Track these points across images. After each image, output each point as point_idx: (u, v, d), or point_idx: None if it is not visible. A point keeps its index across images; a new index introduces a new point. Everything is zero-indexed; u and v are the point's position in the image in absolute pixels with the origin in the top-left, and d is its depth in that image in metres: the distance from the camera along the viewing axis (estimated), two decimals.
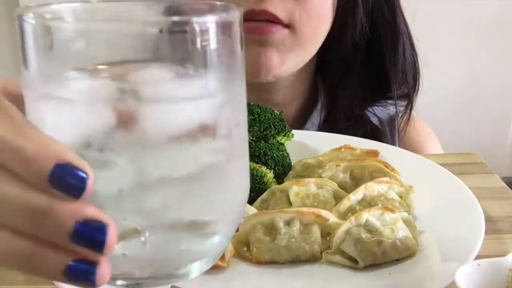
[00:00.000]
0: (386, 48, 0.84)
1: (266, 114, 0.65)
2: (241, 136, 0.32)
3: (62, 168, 0.26)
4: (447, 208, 0.56)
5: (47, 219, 0.26)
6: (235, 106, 0.32)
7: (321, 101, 0.88)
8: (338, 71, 0.86)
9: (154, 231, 0.29)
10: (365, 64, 0.85)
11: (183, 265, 0.32)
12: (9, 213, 0.27)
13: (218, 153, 0.30)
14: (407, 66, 0.85)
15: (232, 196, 0.32)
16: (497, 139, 2.15)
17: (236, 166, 0.32)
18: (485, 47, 2.01)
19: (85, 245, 0.26)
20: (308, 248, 0.50)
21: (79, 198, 0.26)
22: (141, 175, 0.28)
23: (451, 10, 1.92)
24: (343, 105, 0.85)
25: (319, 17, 0.76)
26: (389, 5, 0.83)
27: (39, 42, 0.28)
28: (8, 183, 0.26)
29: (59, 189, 0.26)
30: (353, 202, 0.56)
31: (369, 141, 0.72)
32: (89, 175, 0.26)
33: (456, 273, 0.39)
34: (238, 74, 0.31)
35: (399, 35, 0.83)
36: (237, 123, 0.31)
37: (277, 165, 0.64)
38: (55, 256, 0.27)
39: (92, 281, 0.27)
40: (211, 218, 0.31)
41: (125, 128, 0.28)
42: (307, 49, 0.79)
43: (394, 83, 0.84)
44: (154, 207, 0.29)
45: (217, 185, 0.31)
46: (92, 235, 0.26)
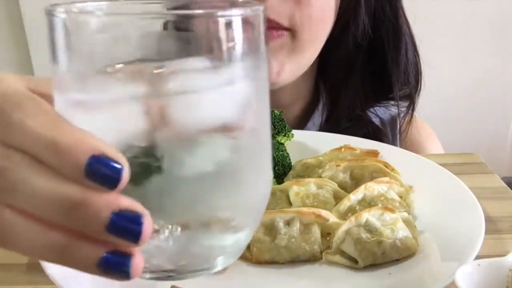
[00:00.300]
0: (388, 48, 0.83)
1: None
2: (266, 130, 0.32)
3: (97, 160, 0.26)
4: (447, 208, 0.56)
5: (82, 211, 0.26)
6: (260, 100, 0.32)
7: (322, 101, 0.88)
8: (340, 71, 0.86)
9: (182, 227, 0.29)
10: (367, 64, 0.85)
11: (209, 259, 0.32)
12: (43, 205, 0.27)
13: (245, 148, 0.31)
14: (409, 67, 0.85)
15: (257, 191, 0.32)
16: (497, 139, 2.15)
17: (262, 160, 0.32)
18: (485, 48, 2.01)
19: (121, 236, 0.26)
20: (308, 248, 0.50)
21: (114, 189, 0.26)
22: (172, 171, 0.28)
23: (451, 11, 1.92)
24: (345, 106, 0.85)
25: (322, 21, 0.75)
26: (392, 5, 0.82)
27: (69, 37, 0.28)
28: (42, 176, 0.26)
29: (94, 180, 0.26)
30: (353, 202, 0.56)
31: (369, 141, 0.72)
32: (124, 167, 0.26)
33: (456, 273, 0.39)
34: (262, 69, 0.31)
35: (401, 36, 0.83)
36: (262, 117, 0.32)
37: (277, 165, 0.64)
38: (89, 248, 0.27)
39: (126, 273, 0.27)
40: (237, 214, 0.31)
41: (156, 125, 0.28)
42: (306, 55, 0.78)
43: (396, 83, 0.84)
44: (184, 203, 0.29)
45: (244, 180, 0.31)
46: (128, 225, 0.26)
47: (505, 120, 2.14)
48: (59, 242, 0.27)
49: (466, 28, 1.96)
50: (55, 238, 0.27)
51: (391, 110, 0.89)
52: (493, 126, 2.13)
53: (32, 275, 0.50)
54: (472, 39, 1.99)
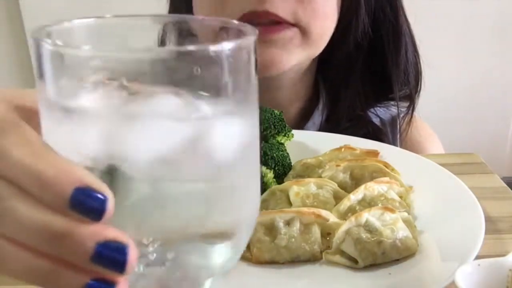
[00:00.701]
0: (388, 48, 0.83)
1: (266, 114, 0.65)
2: (255, 153, 0.33)
3: (82, 191, 0.26)
4: (447, 208, 0.56)
5: (67, 241, 0.26)
6: (249, 126, 0.32)
7: (322, 101, 0.88)
8: (340, 71, 0.86)
9: (170, 247, 0.29)
10: (367, 64, 0.85)
11: (195, 283, 0.32)
12: (29, 234, 0.27)
13: (232, 172, 0.31)
14: (409, 67, 0.85)
15: (244, 216, 0.33)
16: (497, 139, 2.15)
17: (251, 181, 0.33)
18: (485, 48, 2.01)
19: (106, 266, 0.26)
20: (308, 248, 0.50)
21: (99, 221, 0.26)
22: (158, 188, 0.29)
23: (451, 11, 1.92)
24: (345, 105, 0.85)
25: (325, 16, 0.76)
26: (392, 5, 0.82)
27: (54, 63, 0.28)
28: (27, 205, 0.27)
29: (79, 212, 0.26)
30: (353, 202, 0.56)
31: (369, 141, 0.72)
32: (109, 197, 0.26)
33: (456, 273, 0.39)
34: (252, 97, 0.32)
35: (401, 36, 0.83)
36: (251, 141, 0.32)
37: (277, 165, 0.64)
38: (74, 276, 0.27)
39: None
40: (228, 228, 0.32)
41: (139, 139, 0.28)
42: (316, 47, 0.78)
43: (396, 83, 0.84)
44: (170, 222, 0.29)
45: (233, 200, 0.32)
46: (113, 256, 0.26)
47: (505, 120, 2.14)
48: (44, 269, 0.27)
49: (466, 28, 1.96)
50: (41, 265, 0.27)
51: (392, 110, 0.89)
52: (493, 126, 2.13)
53: None
54: (472, 39, 1.99)
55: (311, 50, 0.78)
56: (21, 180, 0.27)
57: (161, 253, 0.29)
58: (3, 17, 1.89)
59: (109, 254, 0.26)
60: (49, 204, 0.26)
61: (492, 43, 2.01)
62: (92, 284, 0.27)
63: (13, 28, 1.89)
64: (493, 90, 2.08)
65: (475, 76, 2.05)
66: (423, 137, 0.92)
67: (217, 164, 0.30)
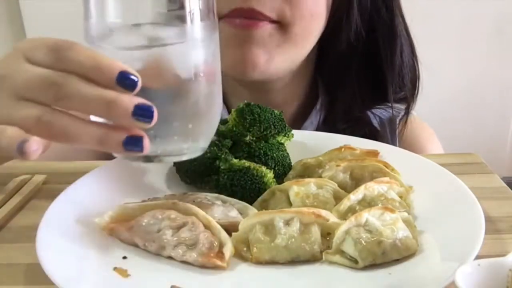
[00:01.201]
0: (383, 50, 0.83)
1: (266, 114, 0.65)
2: (217, 69, 0.51)
3: (123, 73, 0.43)
4: (447, 208, 0.56)
5: (115, 104, 0.43)
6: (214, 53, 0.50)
7: (321, 101, 0.87)
8: (336, 71, 0.85)
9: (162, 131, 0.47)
10: (363, 65, 0.85)
11: (178, 152, 0.50)
12: (90, 105, 0.43)
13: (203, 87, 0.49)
14: (405, 69, 0.84)
15: (209, 112, 0.50)
16: (497, 139, 2.15)
17: (215, 94, 0.51)
18: (485, 48, 2.01)
19: (141, 118, 0.43)
20: (308, 248, 0.50)
21: (133, 92, 0.43)
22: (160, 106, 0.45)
23: (451, 11, 1.92)
24: (342, 107, 0.85)
25: (312, 16, 0.75)
26: (388, 6, 0.82)
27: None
28: (88, 87, 0.43)
29: (122, 86, 0.43)
30: (353, 202, 0.56)
31: (369, 141, 0.72)
32: (139, 79, 0.43)
33: (456, 273, 0.39)
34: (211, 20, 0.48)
35: (397, 37, 0.82)
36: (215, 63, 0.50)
37: (277, 165, 0.64)
38: (117, 133, 0.44)
39: (141, 148, 0.45)
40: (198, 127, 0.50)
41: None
42: (298, 49, 0.77)
43: (391, 86, 0.84)
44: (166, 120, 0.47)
45: (203, 105, 0.49)
46: (145, 111, 0.43)
47: (505, 120, 2.14)
48: (98, 131, 0.44)
49: (466, 28, 1.97)
50: (96, 129, 0.44)
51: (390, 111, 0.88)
52: (493, 126, 2.13)
53: (32, 275, 0.50)
54: (472, 39, 1.99)
55: (295, 52, 0.77)
56: (84, 70, 0.43)
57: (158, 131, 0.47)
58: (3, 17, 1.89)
59: (142, 111, 0.43)
60: (104, 83, 0.43)
61: (492, 43, 2.01)
62: (129, 137, 0.44)
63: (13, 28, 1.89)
64: (493, 90, 2.08)
65: (475, 76, 2.05)
66: (423, 137, 0.92)
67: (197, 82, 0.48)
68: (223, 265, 0.49)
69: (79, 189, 0.61)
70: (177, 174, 0.65)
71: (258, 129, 0.65)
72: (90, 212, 0.55)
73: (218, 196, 0.59)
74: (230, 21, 0.73)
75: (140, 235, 0.52)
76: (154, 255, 0.51)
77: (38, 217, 0.54)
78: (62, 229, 0.53)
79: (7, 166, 0.75)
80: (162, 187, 0.65)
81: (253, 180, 0.60)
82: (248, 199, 0.60)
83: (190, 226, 0.51)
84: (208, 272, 0.49)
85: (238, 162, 0.62)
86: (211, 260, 0.48)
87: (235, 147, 0.65)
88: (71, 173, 0.67)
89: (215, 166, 0.62)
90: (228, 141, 0.65)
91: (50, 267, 0.46)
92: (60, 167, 0.74)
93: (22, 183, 0.68)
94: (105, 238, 0.53)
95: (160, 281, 0.47)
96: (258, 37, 0.73)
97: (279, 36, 0.74)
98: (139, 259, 0.51)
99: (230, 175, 0.61)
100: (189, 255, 0.49)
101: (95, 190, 0.61)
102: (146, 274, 0.49)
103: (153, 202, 0.56)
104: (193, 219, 0.52)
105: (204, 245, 0.49)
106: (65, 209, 0.56)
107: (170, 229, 0.51)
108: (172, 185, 0.65)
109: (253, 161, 0.63)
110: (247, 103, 0.66)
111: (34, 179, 0.69)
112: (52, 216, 0.55)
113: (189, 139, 0.50)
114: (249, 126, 0.64)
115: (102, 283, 0.48)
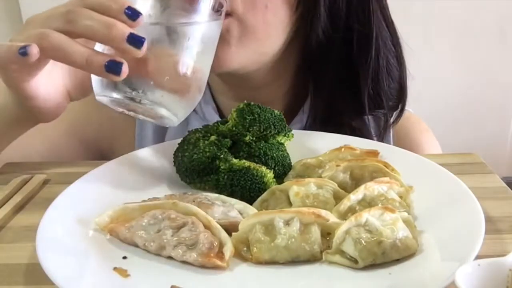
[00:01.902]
0: (356, 51, 0.79)
1: (266, 114, 0.65)
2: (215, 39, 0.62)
3: (130, 8, 0.55)
4: (447, 208, 0.56)
5: (115, 27, 0.53)
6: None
7: (310, 101, 0.84)
8: (317, 72, 0.82)
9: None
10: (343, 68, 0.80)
11: (155, 104, 0.57)
12: (93, 27, 0.54)
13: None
14: (381, 74, 0.80)
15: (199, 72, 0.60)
16: (497, 139, 2.15)
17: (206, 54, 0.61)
18: (486, 48, 2.01)
19: (132, 44, 0.53)
20: (308, 248, 0.50)
21: (134, 21, 0.55)
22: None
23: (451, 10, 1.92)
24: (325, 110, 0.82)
25: (267, 7, 0.72)
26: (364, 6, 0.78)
27: None
28: (94, 13, 0.55)
29: (127, 15, 0.54)
30: (353, 202, 0.56)
31: (369, 141, 0.72)
32: (141, 15, 0.55)
33: (456, 273, 0.39)
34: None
35: (372, 38, 0.78)
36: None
37: (277, 165, 0.64)
38: (101, 57, 0.54)
39: (119, 72, 0.53)
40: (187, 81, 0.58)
41: None
42: (261, 41, 0.74)
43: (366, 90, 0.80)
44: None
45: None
46: (137, 40, 0.54)
47: (505, 120, 2.15)
48: (86, 52, 0.54)
49: (467, 28, 1.96)
50: (85, 50, 0.55)
51: None
52: (493, 126, 2.13)
53: (32, 275, 0.50)
54: (473, 39, 1.99)
55: (259, 44, 0.74)
56: (98, 2, 0.55)
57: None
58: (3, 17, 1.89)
59: (135, 39, 0.53)
60: (112, 14, 0.54)
61: (492, 43, 2.01)
62: (111, 61, 0.53)
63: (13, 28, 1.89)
64: (493, 90, 2.08)
65: (475, 76, 2.05)
66: (418, 132, 0.91)
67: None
68: (223, 265, 0.49)
69: (79, 189, 0.61)
70: (177, 174, 0.65)
71: (258, 129, 0.65)
72: (90, 212, 0.55)
73: (218, 196, 0.59)
74: None
75: (140, 235, 0.52)
76: (154, 255, 0.51)
77: (38, 217, 0.54)
78: (62, 229, 0.53)
79: (7, 166, 0.75)
80: (162, 187, 0.65)
81: (253, 180, 0.60)
82: (248, 199, 0.60)
83: (190, 226, 0.51)
84: (208, 272, 0.49)
85: (238, 162, 0.62)
86: (211, 260, 0.48)
87: (235, 147, 0.65)
88: (71, 173, 0.67)
89: (215, 166, 0.62)
90: (228, 141, 0.65)
91: (50, 267, 0.46)
92: (60, 167, 0.74)
93: (22, 183, 0.68)
94: (105, 238, 0.53)
95: (160, 281, 0.47)
96: None
97: (237, 29, 0.71)
98: (139, 259, 0.51)
99: (230, 175, 0.61)
100: (189, 255, 0.49)
101: (95, 190, 0.61)
102: (146, 274, 0.49)
103: (153, 202, 0.56)
104: (193, 219, 0.52)
105: (204, 245, 0.49)
106: (65, 209, 0.56)
107: (170, 229, 0.51)
108: (172, 185, 0.65)
109: (253, 161, 0.63)
110: (247, 103, 0.66)
111: (34, 179, 0.69)
112: (52, 216, 0.55)
113: (164, 92, 0.56)
114: (249, 126, 0.64)
115: (102, 283, 0.48)
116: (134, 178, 0.65)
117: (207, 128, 0.67)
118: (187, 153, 0.63)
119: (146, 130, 0.90)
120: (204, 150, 0.63)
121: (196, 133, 0.66)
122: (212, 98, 0.88)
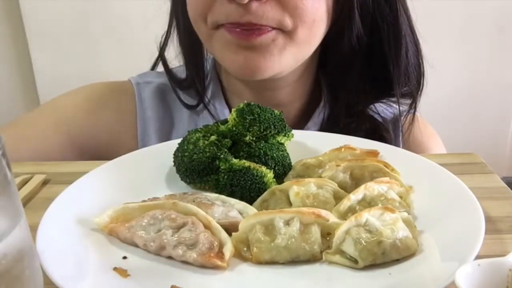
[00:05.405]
0: (388, 50, 0.83)
1: (266, 114, 0.66)
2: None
3: None
4: (447, 208, 0.56)
5: None
6: None
7: (324, 100, 0.87)
8: (339, 71, 0.85)
9: None
10: (368, 64, 0.84)
11: None
12: None
13: None
14: (410, 68, 0.84)
15: None
16: (497, 139, 2.15)
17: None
18: (485, 47, 2.01)
19: None
20: (308, 248, 0.50)
21: None
22: None
23: (452, 10, 1.92)
24: (345, 102, 0.85)
25: (314, 22, 0.75)
26: (391, 6, 0.81)
27: None
28: None
29: None
30: (353, 202, 0.56)
31: (369, 141, 0.72)
32: None
33: (456, 273, 0.39)
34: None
35: (402, 37, 0.82)
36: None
37: (277, 165, 0.64)
38: None
39: None
40: None
41: None
42: (302, 50, 0.78)
43: (397, 84, 0.84)
44: None
45: None
46: None
47: (505, 120, 2.14)
48: None
49: (467, 28, 1.96)
50: None
51: (394, 107, 0.88)
52: (493, 126, 2.13)
53: None
54: (473, 39, 1.99)
55: (298, 53, 0.77)
56: None
57: None
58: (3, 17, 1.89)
59: None
60: None
61: (493, 43, 2.01)
62: None
63: (13, 28, 1.89)
64: (493, 90, 2.08)
65: (476, 76, 2.05)
66: (426, 137, 0.92)
67: None
68: (223, 265, 0.49)
69: (79, 189, 0.61)
70: (177, 174, 0.66)
71: (258, 129, 0.65)
72: (90, 212, 0.55)
73: (218, 196, 0.59)
74: (230, 30, 0.73)
75: (140, 235, 0.52)
76: (154, 255, 0.51)
77: (38, 217, 0.54)
78: (62, 229, 0.53)
79: None
80: (162, 187, 0.65)
81: (253, 180, 0.60)
82: (248, 199, 0.60)
83: (190, 226, 0.51)
84: (208, 272, 0.49)
85: (238, 162, 0.62)
86: (211, 260, 0.49)
87: (235, 147, 0.65)
88: (71, 173, 0.67)
89: (215, 166, 0.62)
90: (228, 141, 0.65)
91: (50, 267, 0.46)
92: (60, 167, 0.74)
93: (22, 183, 0.68)
94: (105, 238, 0.53)
95: (160, 281, 0.47)
96: (260, 44, 0.73)
97: (283, 41, 0.74)
98: (139, 259, 0.51)
99: (230, 175, 0.61)
100: (189, 255, 0.49)
101: (95, 190, 0.61)
102: (146, 274, 0.49)
103: (153, 202, 0.56)
104: (193, 219, 0.52)
105: (204, 245, 0.49)
106: (65, 209, 0.56)
107: (170, 229, 0.51)
108: (172, 185, 0.65)
109: (253, 161, 0.63)
110: (247, 103, 0.66)
111: (34, 179, 0.69)
112: (52, 216, 0.55)
113: None
114: (249, 126, 0.65)
115: (102, 283, 0.48)
116: (134, 178, 0.65)
117: (207, 128, 0.67)
118: (187, 153, 0.63)
119: (148, 132, 0.90)
120: (204, 150, 0.63)
121: (196, 133, 0.66)
122: (224, 100, 0.89)
